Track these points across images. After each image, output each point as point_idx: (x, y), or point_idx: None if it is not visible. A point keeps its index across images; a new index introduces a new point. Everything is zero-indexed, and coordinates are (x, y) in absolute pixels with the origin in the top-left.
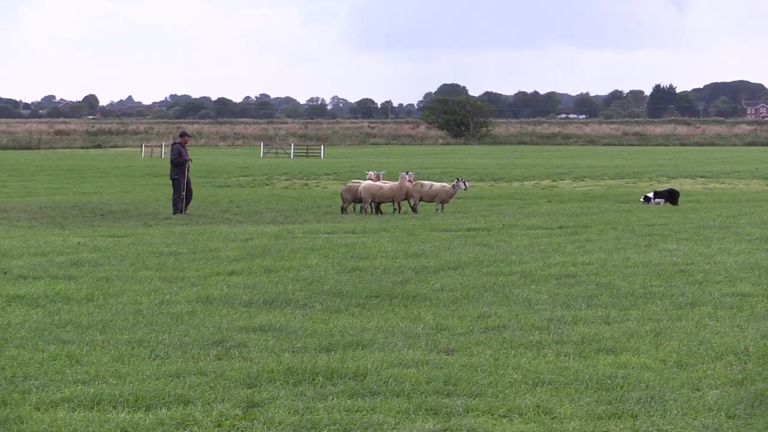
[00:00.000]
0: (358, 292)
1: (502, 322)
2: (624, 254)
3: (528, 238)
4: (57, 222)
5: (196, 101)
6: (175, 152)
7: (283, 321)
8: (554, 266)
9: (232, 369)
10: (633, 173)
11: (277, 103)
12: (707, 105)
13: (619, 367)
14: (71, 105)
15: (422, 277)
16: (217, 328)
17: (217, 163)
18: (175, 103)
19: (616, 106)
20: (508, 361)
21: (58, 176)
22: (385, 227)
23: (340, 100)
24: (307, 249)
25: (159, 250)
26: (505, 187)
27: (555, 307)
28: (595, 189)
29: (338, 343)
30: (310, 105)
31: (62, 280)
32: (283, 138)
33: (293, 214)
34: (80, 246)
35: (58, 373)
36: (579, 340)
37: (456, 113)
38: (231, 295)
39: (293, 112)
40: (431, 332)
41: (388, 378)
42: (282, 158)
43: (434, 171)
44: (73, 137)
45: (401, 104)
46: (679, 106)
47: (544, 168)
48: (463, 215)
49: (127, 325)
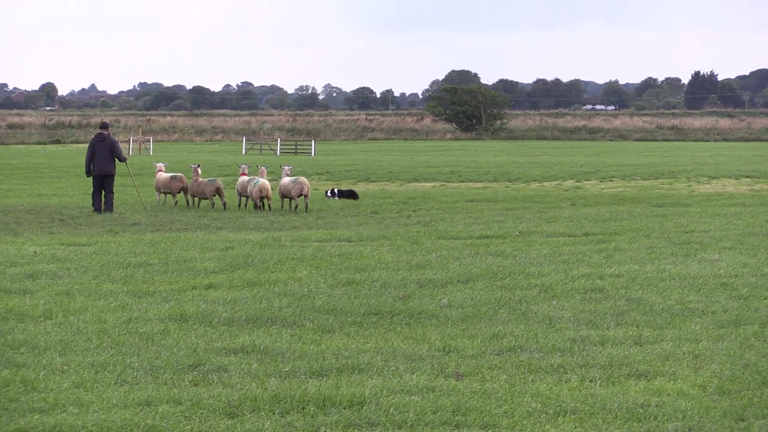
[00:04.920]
0: (354, 309)
1: (518, 342)
2: (658, 265)
3: (549, 246)
4: (10, 228)
5: (169, 90)
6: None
7: (268, 342)
8: (578, 279)
9: (211, 396)
10: (669, 173)
11: (262, 93)
12: (753, 94)
13: (652, 395)
14: (26, 95)
15: (427, 292)
16: (192, 349)
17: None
18: (145, 92)
19: (649, 95)
20: (525, 388)
21: (11, 176)
22: (384, 234)
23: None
24: (295, 259)
25: (126, 261)
26: (522, 188)
27: (579, 326)
28: (626, 191)
29: (331, 367)
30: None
31: (16, 294)
32: (268, 132)
33: (279, 219)
34: (36, 256)
35: (12, 401)
36: (607, 364)
37: (466, 104)
38: (209, 312)
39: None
40: (438, 354)
41: (388, 407)
42: (267, 155)
43: (441, 170)
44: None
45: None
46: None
47: (567, 167)
48: (474, 221)
49: (91, 346)
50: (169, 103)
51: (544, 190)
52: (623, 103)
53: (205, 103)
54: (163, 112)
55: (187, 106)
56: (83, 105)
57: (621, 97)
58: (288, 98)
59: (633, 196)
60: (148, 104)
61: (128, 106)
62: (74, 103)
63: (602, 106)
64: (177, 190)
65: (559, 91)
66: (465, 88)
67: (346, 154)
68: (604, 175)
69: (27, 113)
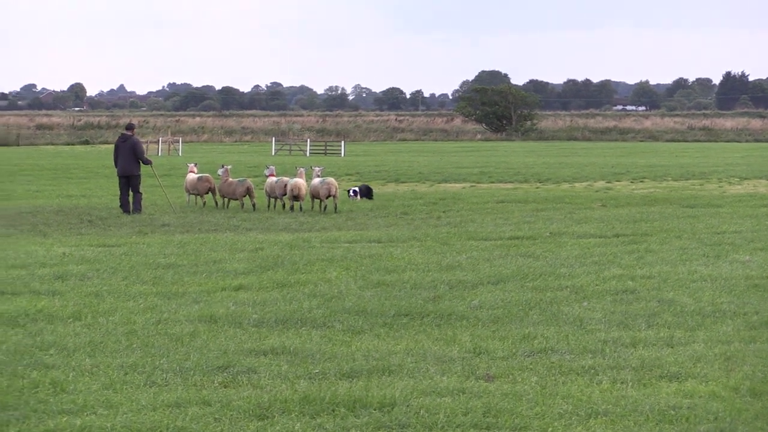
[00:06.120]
0: (384, 310)
1: (549, 344)
2: (689, 266)
3: (579, 247)
4: (39, 230)
5: (198, 91)
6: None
7: (298, 343)
8: (609, 280)
9: (240, 398)
10: (700, 173)
11: (291, 93)
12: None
13: (684, 396)
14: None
15: (458, 293)
16: (222, 351)
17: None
18: (174, 93)
19: (680, 96)
20: (556, 390)
21: (40, 177)
22: (414, 236)
23: (362, 89)
24: (325, 260)
25: (156, 262)
26: (552, 189)
27: (610, 328)
28: (657, 191)
29: (362, 369)
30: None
31: (45, 296)
32: (297, 133)
33: (309, 220)
34: (65, 257)
35: (41, 403)
36: (638, 366)
37: (496, 104)
38: (238, 313)
39: (309, 104)
40: (468, 356)
41: (419, 408)
42: (296, 156)
43: (471, 171)
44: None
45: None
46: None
47: (598, 167)
48: (504, 222)
49: (120, 347)
50: (198, 104)
51: (574, 191)
52: (654, 104)
53: (235, 103)
54: (192, 112)
55: (217, 107)
56: (112, 106)
57: (652, 97)
58: (317, 99)
59: (664, 197)
60: (177, 105)
61: (157, 107)
62: (103, 104)
63: (633, 106)
64: (204, 191)
65: (589, 92)
66: (495, 89)
67: (376, 154)
68: (635, 176)
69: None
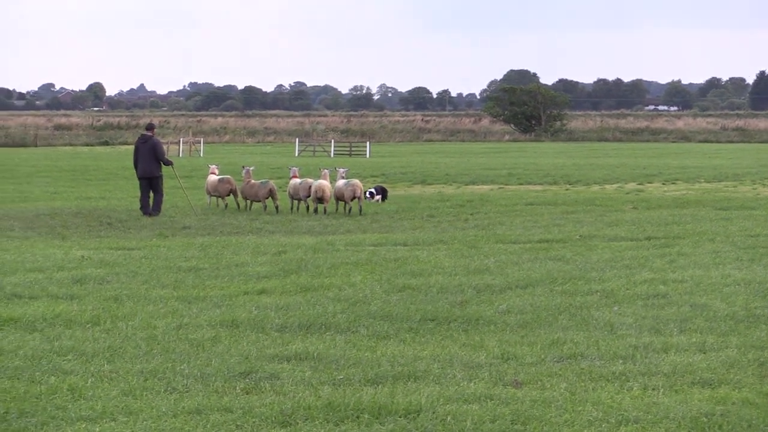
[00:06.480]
0: (410, 315)
1: (579, 349)
2: (723, 270)
3: (610, 251)
4: (57, 232)
5: (220, 90)
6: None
7: (322, 348)
8: (641, 284)
9: (263, 405)
10: (733, 175)
11: (315, 93)
12: None
13: (717, 403)
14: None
15: (485, 297)
16: (244, 356)
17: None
18: (195, 92)
19: (713, 96)
20: (586, 396)
21: (58, 178)
22: (441, 238)
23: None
24: (350, 264)
25: (176, 265)
26: (582, 191)
27: (641, 333)
28: (689, 193)
29: (387, 375)
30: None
31: (63, 300)
32: (321, 133)
33: (333, 222)
34: (84, 260)
35: (59, 410)
36: (670, 372)
37: (525, 104)
38: (261, 317)
39: (333, 103)
40: (496, 362)
41: (445, 415)
42: (320, 157)
43: (499, 172)
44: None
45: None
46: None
47: (629, 169)
48: (533, 224)
49: (140, 353)
50: (220, 104)
51: (605, 193)
52: (686, 104)
53: (257, 103)
54: (214, 112)
55: (239, 107)
56: (132, 105)
57: (684, 97)
58: (342, 98)
59: (697, 199)
60: (199, 105)
61: (178, 107)
62: (122, 104)
63: (665, 106)
64: (225, 192)
65: (620, 92)
66: (524, 89)
67: (402, 155)
68: (667, 178)
69: (74, 114)
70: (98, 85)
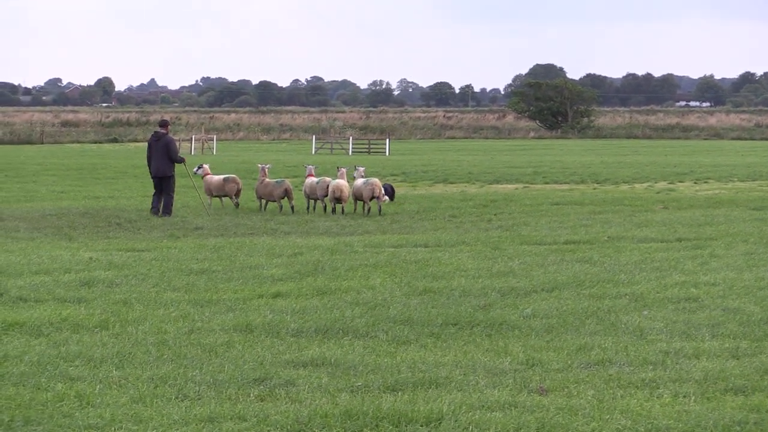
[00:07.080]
0: (431, 319)
1: (607, 355)
2: (757, 273)
3: (639, 252)
4: (64, 233)
5: (234, 85)
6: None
7: (339, 354)
8: (671, 287)
9: (278, 412)
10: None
11: (333, 88)
12: None
13: (750, 411)
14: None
15: (510, 301)
16: (258, 362)
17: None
18: (208, 87)
19: (747, 91)
20: (614, 404)
21: (66, 177)
22: (464, 240)
23: (409, 84)
24: (368, 266)
25: (188, 268)
26: (611, 190)
27: (672, 338)
28: (722, 193)
29: (407, 381)
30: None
31: (70, 303)
32: (339, 130)
33: (351, 223)
34: (92, 262)
35: (66, 417)
36: (701, 378)
37: (551, 100)
38: (276, 322)
39: (352, 99)
40: (521, 368)
41: (468, 424)
42: (338, 154)
43: (524, 171)
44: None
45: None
46: None
47: (659, 167)
48: (560, 225)
49: (150, 358)
50: (234, 99)
51: (634, 193)
52: (719, 100)
53: (272, 99)
54: (228, 108)
55: (253, 103)
56: (142, 101)
57: (717, 93)
58: (360, 94)
59: (730, 199)
60: (212, 100)
61: (190, 103)
62: (132, 99)
63: (696, 102)
64: (233, 192)
65: (650, 87)
66: (550, 83)
67: (423, 153)
68: (699, 177)
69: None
70: (107, 79)
